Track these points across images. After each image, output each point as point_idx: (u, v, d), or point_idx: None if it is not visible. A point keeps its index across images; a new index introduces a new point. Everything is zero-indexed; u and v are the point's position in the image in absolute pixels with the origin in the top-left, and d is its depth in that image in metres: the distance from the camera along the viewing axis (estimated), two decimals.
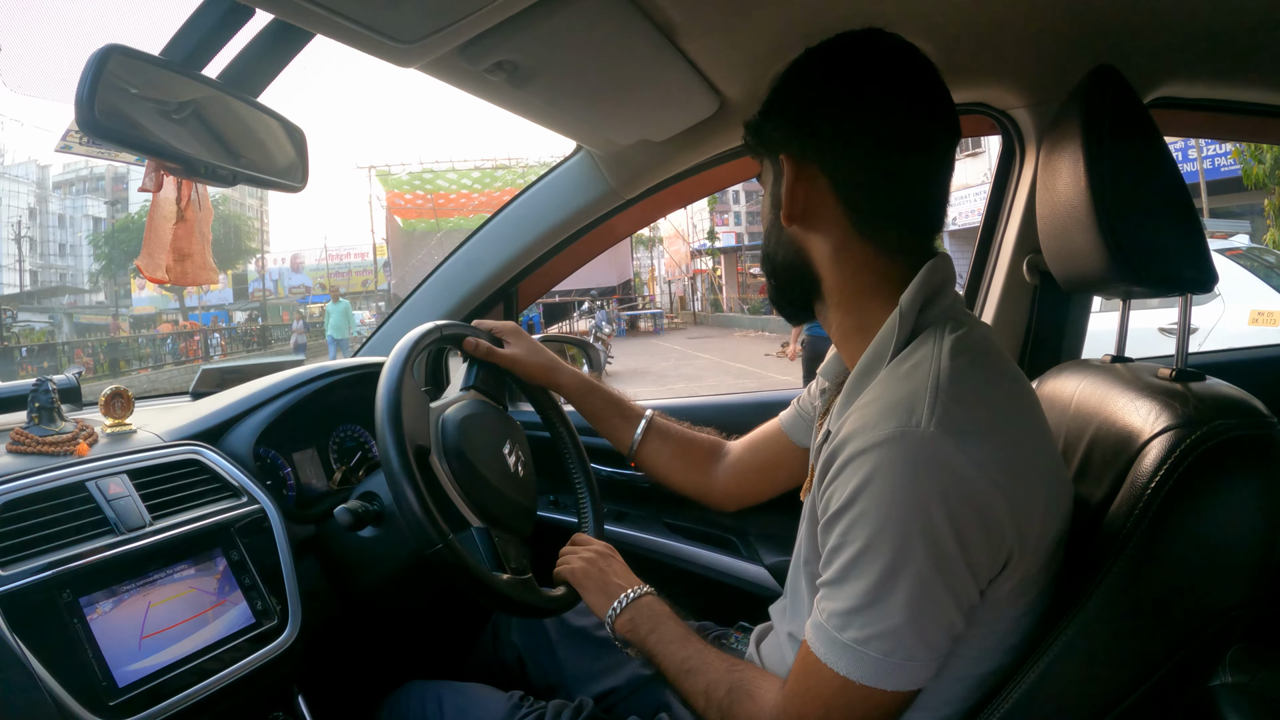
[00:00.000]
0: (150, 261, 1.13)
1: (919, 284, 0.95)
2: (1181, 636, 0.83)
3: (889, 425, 0.84)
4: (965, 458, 0.81)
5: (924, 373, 0.88)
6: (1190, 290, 1.00)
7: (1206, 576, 0.84)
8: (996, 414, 0.88)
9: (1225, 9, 1.29)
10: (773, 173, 1.03)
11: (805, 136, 0.98)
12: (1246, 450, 0.85)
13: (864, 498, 0.83)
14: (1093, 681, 0.85)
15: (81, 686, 0.96)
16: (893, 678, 0.83)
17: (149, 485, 1.19)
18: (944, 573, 0.81)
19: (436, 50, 1.12)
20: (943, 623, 0.83)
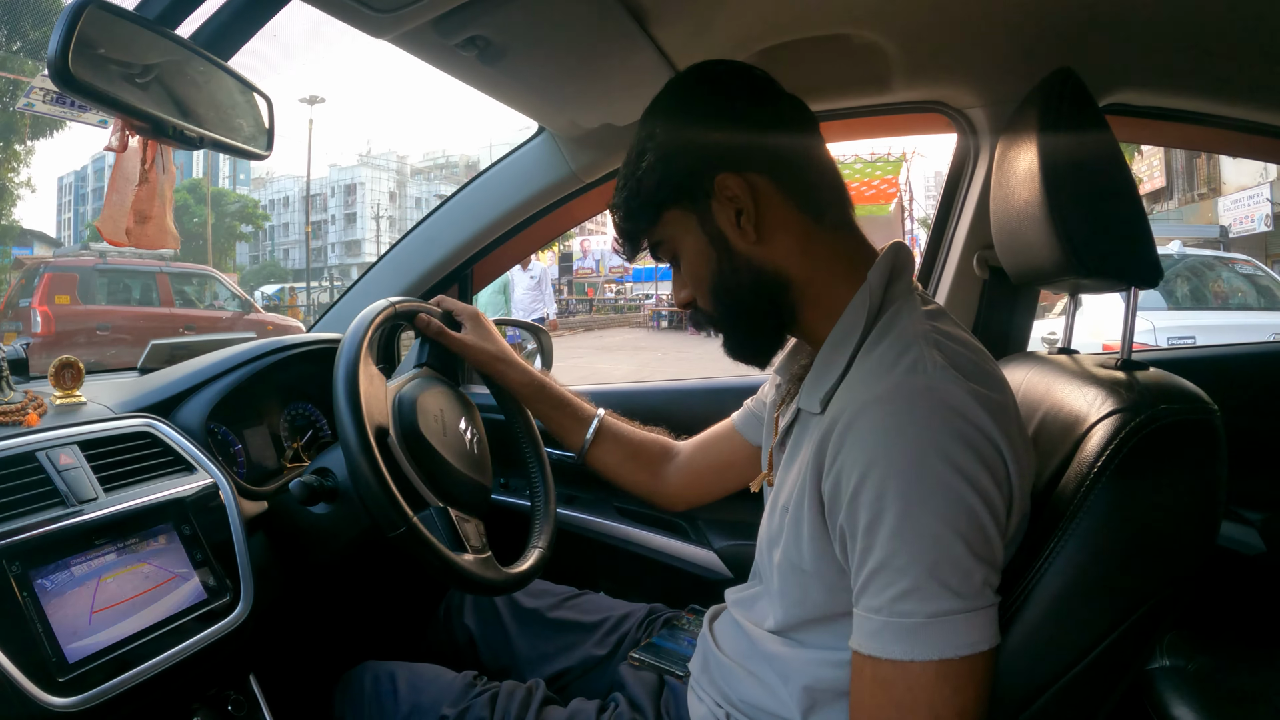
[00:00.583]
0: (110, 223, 1.09)
1: (886, 262, 0.99)
2: (1122, 611, 0.86)
3: (891, 375, 0.86)
4: (972, 397, 0.82)
5: (912, 333, 0.91)
6: (1136, 284, 1.03)
7: (1146, 553, 0.87)
8: (985, 367, 0.91)
9: (1180, 22, 1.35)
10: (695, 214, 1.02)
11: (736, 152, 1.00)
12: (1187, 434, 0.89)
13: (884, 450, 0.82)
14: (1036, 657, 0.87)
15: (30, 662, 0.93)
16: (982, 631, 0.80)
17: (100, 457, 1.15)
18: (989, 506, 0.81)
19: (411, 21, 1.11)
20: (994, 561, 0.82)
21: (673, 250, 1.06)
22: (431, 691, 1.28)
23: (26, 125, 19.13)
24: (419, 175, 76.47)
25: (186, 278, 12.87)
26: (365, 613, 1.68)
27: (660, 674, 1.33)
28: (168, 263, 12.55)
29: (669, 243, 1.06)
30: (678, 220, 1.03)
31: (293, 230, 68.68)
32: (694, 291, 1.06)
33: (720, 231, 1.00)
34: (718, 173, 0.98)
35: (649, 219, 1.05)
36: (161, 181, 1.13)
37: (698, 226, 1.02)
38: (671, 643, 1.41)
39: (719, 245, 1.01)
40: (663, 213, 1.03)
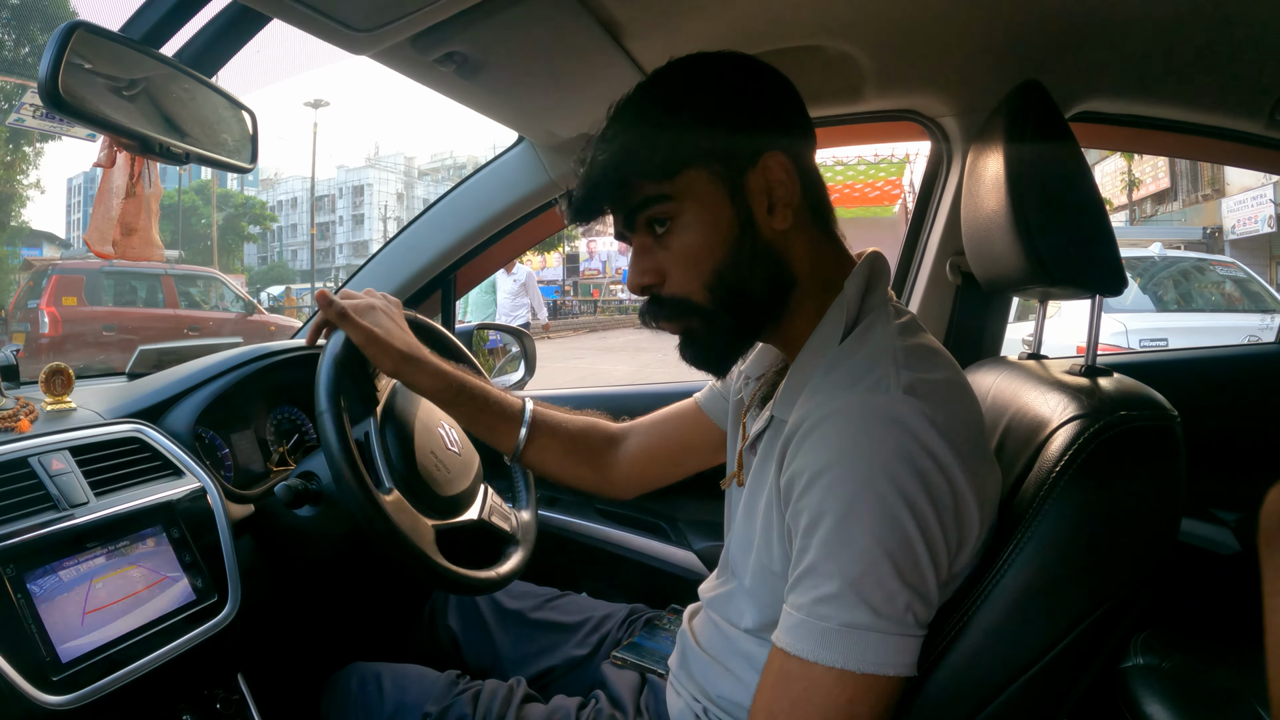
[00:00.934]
0: (97, 235, 1.12)
1: (863, 273, 0.98)
2: (1079, 612, 0.87)
3: (854, 391, 0.86)
4: (928, 422, 0.82)
5: (882, 349, 0.90)
6: (1101, 292, 1.05)
7: (1104, 556, 0.89)
8: (950, 388, 0.90)
9: (1146, 32, 1.37)
10: (726, 183, 0.94)
11: (789, 135, 0.96)
12: (1147, 440, 0.90)
13: (834, 459, 0.82)
14: (997, 655, 0.89)
15: (25, 661, 0.95)
16: (894, 657, 0.80)
17: (91, 462, 1.18)
18: (925, 534, 0.80)
19: (390, 39, 1.14)
20: (924, 591, 0.82)
21: (676, 216, 0.95)
22: (415, 691, 1.30)
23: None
24: (426, 176, 76.63)
25: (191, 279, 12.97)
26: (351, 614, 1.70)
27: (642, 672, 1.35)
28: (173, 265, 12.67)
29: (675, 205, 0.94)
30: (699, 184, 0.93)
31: (301, 231, 68.62)
32: (687, 273, 0.95)
33: (748, 208, 0.93)
34: (770, 149, 0.93)
35: (664, 170, 0.93)
36: (148, 195, 1.16)
37: (724, 197, 0.93)
38: (653, 642, 1.43)
39: (743, 223, 0.93)
40: (684, 170, 0.93)
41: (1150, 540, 0.91)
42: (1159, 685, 1.38)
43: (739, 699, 1.07)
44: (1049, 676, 0.88)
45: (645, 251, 0.98)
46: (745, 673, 1.07)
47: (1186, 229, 19.83)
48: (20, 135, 19.67)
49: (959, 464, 0.83)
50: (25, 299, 11.42)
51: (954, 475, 0.82)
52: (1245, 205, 18.38)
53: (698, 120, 0.93)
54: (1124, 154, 19.98)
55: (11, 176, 20.63)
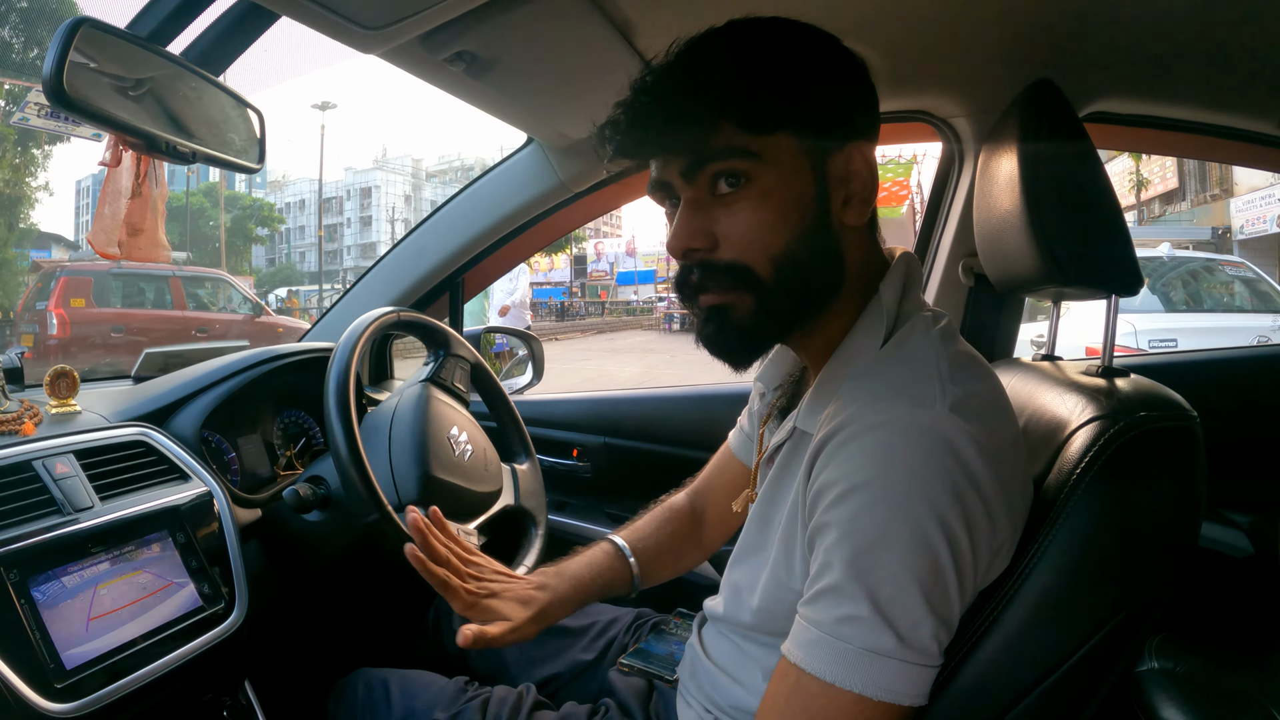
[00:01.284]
0: (103, 236, 1.11)
1: (899, 276, 0.94)
2: (1101, 616, 0.86)
3: (897, 404, 0.81)
4: (973, 444, 0.78)
5: (925, 358, 0.86)
6: (1116, 292, 1.03)
7: (1125, 559, 0.87)
8: (993, 403, 0.88)
9: (1158, 31, 1.35)
10: (811, 159, 0.87)
11: (861, 120, 0.90)
12: (1167, 441, 0.89)
13: (872, 477, 0.78)
14: (1019, 660, 0.87)
15: (28, 668, 0.95)
16: (912, 686, 0.78)
17: (96, 466, 1.17)
18: (956, 563, 0.77)
19: (399, 38, 1.13)
20: (949, 620, 0.79)
21: (755, 177, 0.85)
22: (424, 697, 1.29)
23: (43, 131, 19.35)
24: (434, 178, 77.22)
25: (199, 281, 13.03)
26: (358, 619, 1.70)
27: (649, 679, 1.34)
28: (181, 267, 12.73)
29: (758, 165, 0.85)
30: (788, 150, 0.85)
31: (309, 233, 69.18)
32: (755, 242, 0.86)
33: (828, 194, 0.87)
34: (859, 139, 0.88)
35: (760, 123, 0.84)
36: (154, 195, 1.15)
37: (809, 173, 0.87)
38: (659, 647, 1.42)
39: (821, 208, 0.87)
40: (779, 130, 0.85)
41: (1173, 542, 0.89)
42: (1174, 690, 1.36)
43: (751, 707, 1.04)
44: (1071, 682, 0.87)
45: (699, 209, 0.88)
46: (757, 683, 1.05)
47: (1195, 229, 19.79)
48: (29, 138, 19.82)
49: (998, 488, 0.80)
50: (33, 300, 11.46)
51: (991, 501, 0.80)
52: (1254, 205, 18.35)
53: (806, 84, 0.86)
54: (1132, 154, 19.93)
55: (20, 179, 20.78)
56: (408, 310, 1.41)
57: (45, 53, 0.92)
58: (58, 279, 11.13)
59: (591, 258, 49.89)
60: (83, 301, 11.02)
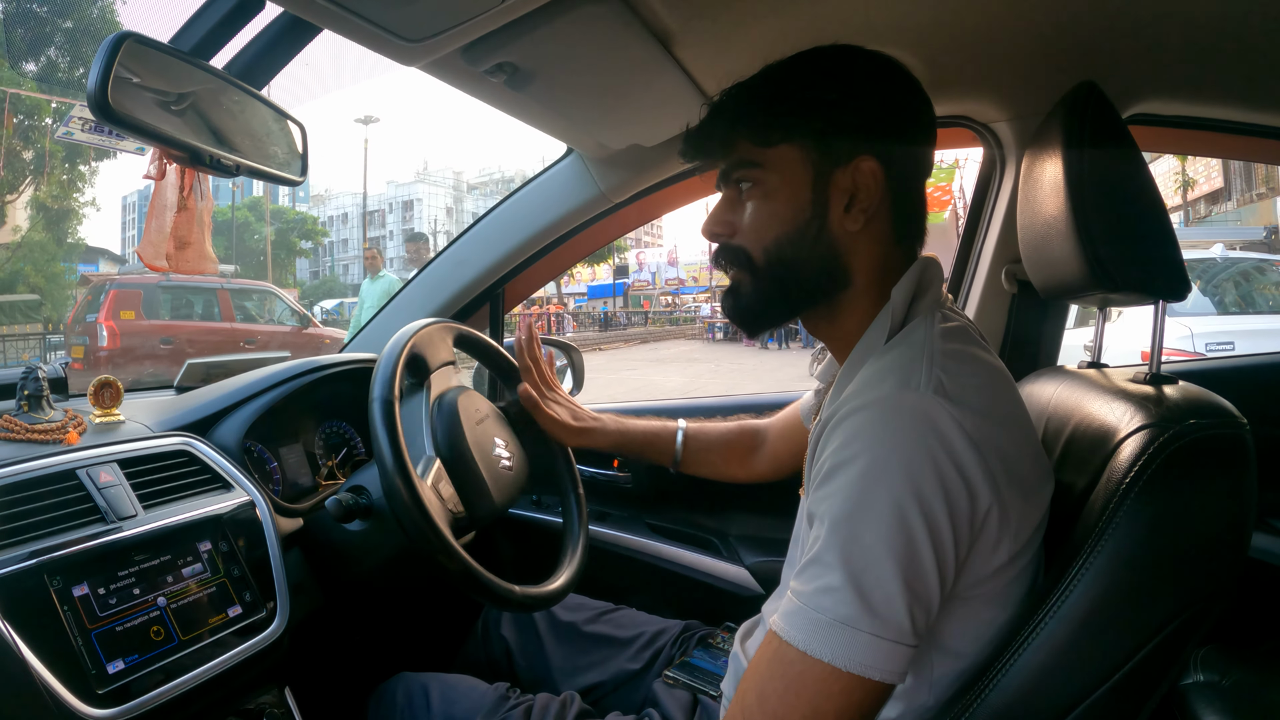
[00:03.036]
0: (151, 249, 1.13)
1: (911, 279, 0.98)
2: (1151, 628, 0.85)
3: (883, 386, 0.86)
4: (956, 425, 0.81)
5: (918, 348, 0.90)
6: (1164, 298, 1.02)
7: (1175, 569, 0.86)
8: (985, 392, 0.89)
9: (1201, 31, 1.33)
10: (814, 169, 0.97)
11: (891, 148, 0.97)
12: (1217, 449, 0.87)
13: (856, 453, 0.82)
14: (1067, 672, 0.86)
15: (71, 674, 0.96)
16: (884, 661, 0.79)
17: (139, 475, 1.18)
18: (934, 541, 0.79)
19: (441, 50, 1.13)
20: (926, 599, 0.81)
21: (759, 182, 1.00)
22: (465, 704, 1.29)
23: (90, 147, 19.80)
24: (475, 190, 77.81)
25: (247, 294, 13.23)
26: (400, 627, 1.70)
27: (694, 692, 1.33)
28: (229, 279, 12.94)
29: (762, 172, 0.99)
30: (791, 159, 0.98)
31: (352, 246, 69.95)
32: (752, 234, 1.01)
33: (826, 201, 0.97)
34: (866, 152, 0.95)
35: (768, 137, 0.98)
36: (200, 208, 1.17)
37: (809, 180, 0.97)
38: (706, 662, 1.42)
39: (817, 211, 0.97)
40: (784, 142, 0.98)
41: (1223, 552, 0.88)
42: (1220, 703, 1.34)
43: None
44: (1120, 695, 0.86)
45: (727, 205, 1.05)
46: None
47: (1245, 229, 19.44)
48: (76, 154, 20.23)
49: (983, 473, 0.82)
50: (84, 313, 11.71)
51: (976, 485, 0.81)
52: None
53: (808, 104, 0.98)
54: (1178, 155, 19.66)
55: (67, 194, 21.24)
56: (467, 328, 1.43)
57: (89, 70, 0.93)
58: (108, 292, 11.34)
59: (633, 267, 50.09)
60: (132, 314, 11.23)
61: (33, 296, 22.24)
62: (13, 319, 20.31)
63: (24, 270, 21.89)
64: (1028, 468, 0.90)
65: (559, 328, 33.56)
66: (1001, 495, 0.84)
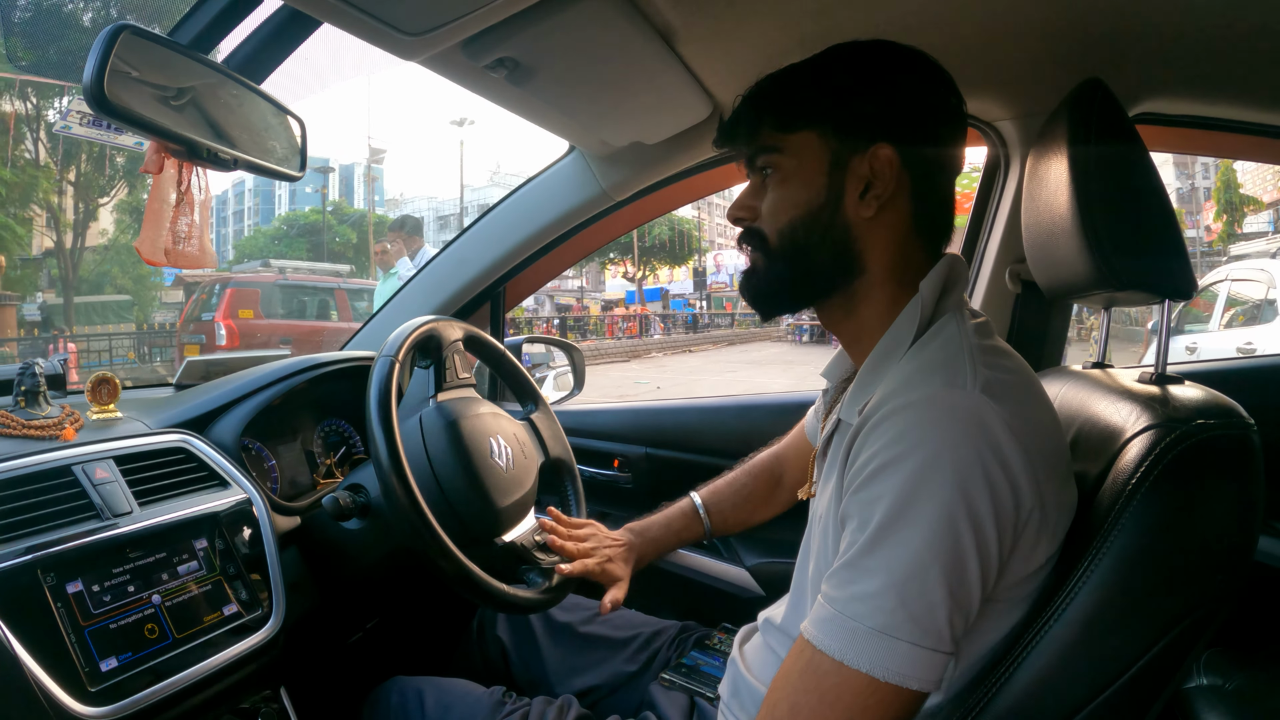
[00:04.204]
0: (149, 244, 1.12)
1: (940, 274, 0.98)
2: (1159, 628, 0.84)
3: (932, 384, 0.85)
4: (1004, 425, 0.80)
5: (957, 346, 0.90)
6: (1171, 297, 1.01)
7: (1182, 570, 0.85)
8: (1022, 389, 0.89)
9: (1208, 30, 1.32)
10: (831, 155, 0.97)
11: (912, 137, 0.96)
12: (1224, 450, 0.86)
13: (903, 453, 0.80)
14: (1074, 674, 0.85)
15: (64, 671, 0.95)
16: (923, 671, 0.78)
17: (135, 472, 1.17)
18: (980, 549, 0.79)
19: (441, 44, 1.13)
20: (967, 606, 0.80)
21: (779, 167, 1.01)
22: (460, 709, 1.28)
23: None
24: None
25: (360, 294, 13.41)
26: (397, 627, 1.69)
27: (691, 695, 1.32)
28: (344, 279, 13.19)
29: (781, 157, 1.00)
30: (809, 146, 0.98)
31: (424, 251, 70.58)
32: (769, 217, 1.02)
33: (842, 186, 0.97)
34: (883, 139, 0.95)
35: (788, 122, 1.00)
36: (199, 203, 1.16)
37: (825, 165, 0.98)
38: (702, 663, 1.41)
39: (831, 196, 0.97)
40: (804, 129, 0.99)
41: (1230, 553, 0.87)
42: (1223, 706, 1.34)
43: None
44: (1127, 697, 0.85)
45: (752, 191, 1.06)
46: None
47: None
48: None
49: (1028, 474, 0.81)
50: (197, 312, 11.94)
51: (1021, 488, 0.80)
52: None
53: (828, 91, 0.99)
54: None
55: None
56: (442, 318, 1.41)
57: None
58: (225, 290, 11.52)
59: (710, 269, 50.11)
60: (250, 313, 11.44)
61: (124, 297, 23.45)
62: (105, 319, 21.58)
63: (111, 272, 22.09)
64: (1063, 464, 0.91)
65: (647, 330, 33.98)
66: (1043, 495, 0.83)
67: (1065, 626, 0.85)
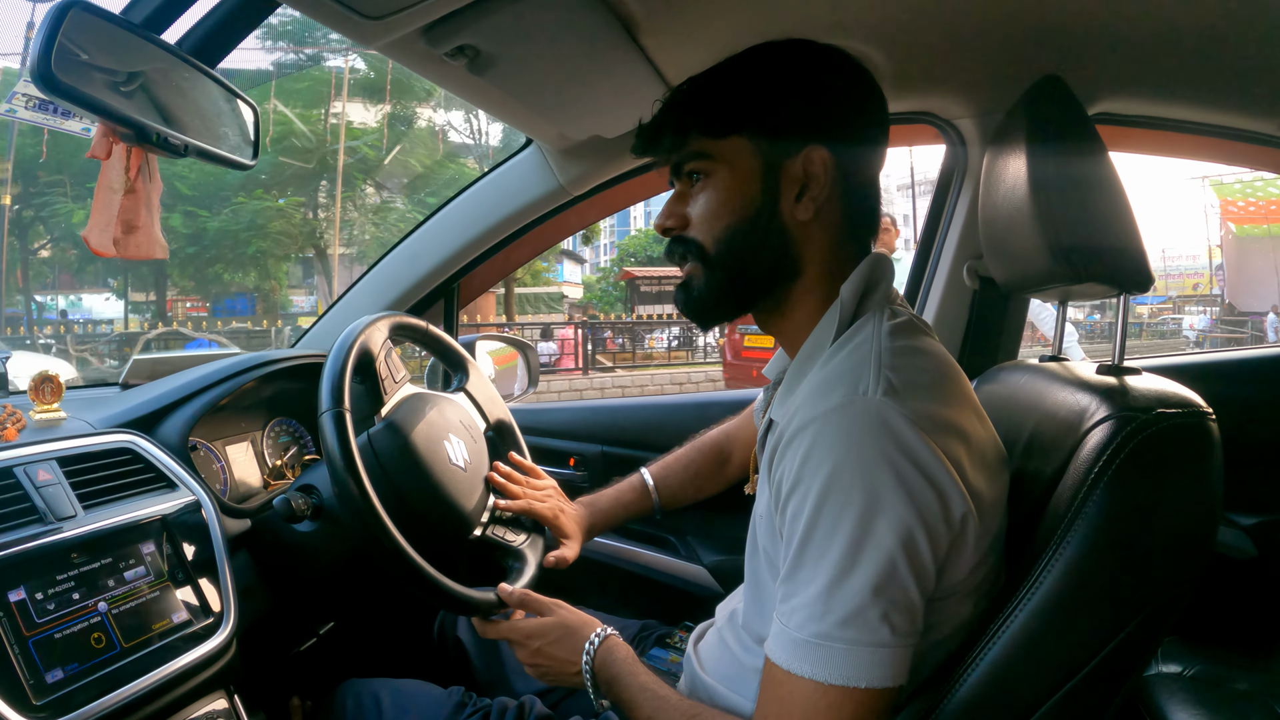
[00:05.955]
0: (97, 233, 1.07)
1: (860, 275, 0.99)
2: (1122, 618, 0.85)
3: (834, 396, 0.85)
4: (909, 423, 0.81)
5: (866, 350, 0.90)
6: (1127, 290, 1.03)
7: (1145, 559, 0.86)
8: (936, 383, 0.90)
9: (1161, 32, 1.35)
10: (763, 160, 0.98)
11: (842, 137, 0.97)
12: (1182, 438, 0.88)
13: (812, 468, 0.82)
14: (1039, 664, 0.87)
15: (7, 684, 0.91)
16: (866, 670, 0.79)
17: (79, 474, 1.13)
18: (905, 544, 0.80)
19: (401, 29, 1.10)
20: (904, 601, 0.81)
21: (710, 173, 1.00)
22: (417, 710, 1.26)
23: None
24: None
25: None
26: (355, 631, 1.65)
27: None
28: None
29: (713, 164, 1.00)
30: (741, 150, 0.98)
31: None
32: (704, 225, 1.01)
33: (777, 191, 0.97)
34: (815, 141, 0.96)
35: (718, 129, 0.99)
36: (148, 189, 1.11)
37: (759, 170, 0.98)
38: (662, 661, 1.40)
39: (767, 200, 0.98)
40: (735, 133, 0.98)
41: (1191, 541, 0.88)
42: (1184, 694, 1.37)
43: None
44: (1090, 686, 0.86)
45: (679, 198, 1.05)
46: (756, 692, 1.03)
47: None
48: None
49: (944, 469, 0.82)
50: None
51: (940, 481, 0.82)
52: None
53: (757, 96, 0.99)
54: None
55: None
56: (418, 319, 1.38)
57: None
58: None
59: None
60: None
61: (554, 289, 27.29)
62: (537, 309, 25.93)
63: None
64: (990, 451, 0.92)
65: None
66: (971, 487, 0.84)
67: (1030, 617, 0.86)
